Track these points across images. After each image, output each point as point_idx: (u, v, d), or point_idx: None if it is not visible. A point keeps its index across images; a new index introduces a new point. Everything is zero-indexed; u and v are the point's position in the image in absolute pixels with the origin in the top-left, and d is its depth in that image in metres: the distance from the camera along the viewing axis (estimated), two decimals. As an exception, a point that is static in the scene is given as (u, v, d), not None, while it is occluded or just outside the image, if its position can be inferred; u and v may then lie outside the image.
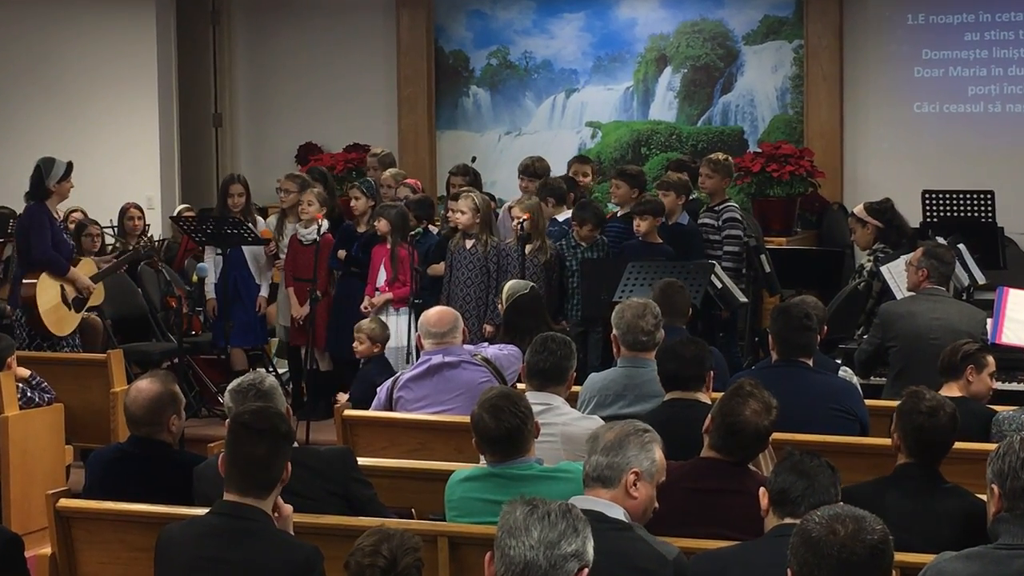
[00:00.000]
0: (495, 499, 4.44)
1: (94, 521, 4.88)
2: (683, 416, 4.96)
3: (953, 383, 5.96)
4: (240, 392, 4.96)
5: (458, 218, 9.09)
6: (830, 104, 12.28)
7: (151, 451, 5.04)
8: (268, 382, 5.00)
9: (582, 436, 5.25)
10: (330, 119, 13.52)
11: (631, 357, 5.97)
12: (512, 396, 4.68)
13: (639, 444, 4.08)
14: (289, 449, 4.17)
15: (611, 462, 4.04)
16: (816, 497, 3.83)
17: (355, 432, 6.38)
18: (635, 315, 5.95)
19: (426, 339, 6.49)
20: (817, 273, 9.84)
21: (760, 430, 4.53)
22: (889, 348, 7.22)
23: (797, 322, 5.90)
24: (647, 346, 5.95)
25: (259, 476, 4.06)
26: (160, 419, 5.03)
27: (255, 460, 4.06)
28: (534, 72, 13.24)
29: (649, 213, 8.89)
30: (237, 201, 9.67)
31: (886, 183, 11.89)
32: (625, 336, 5.97)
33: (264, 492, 4.07)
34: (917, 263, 7.45)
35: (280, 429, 4.15)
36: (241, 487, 4.06)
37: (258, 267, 9.78)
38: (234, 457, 4.10)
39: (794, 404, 5.62)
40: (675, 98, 12.82)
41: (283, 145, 13.63)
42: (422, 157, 13.30)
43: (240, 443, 4.11)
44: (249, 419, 4.17)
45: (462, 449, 5.73)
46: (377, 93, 13.48)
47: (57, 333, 8.79)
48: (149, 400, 5.02)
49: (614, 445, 4.07)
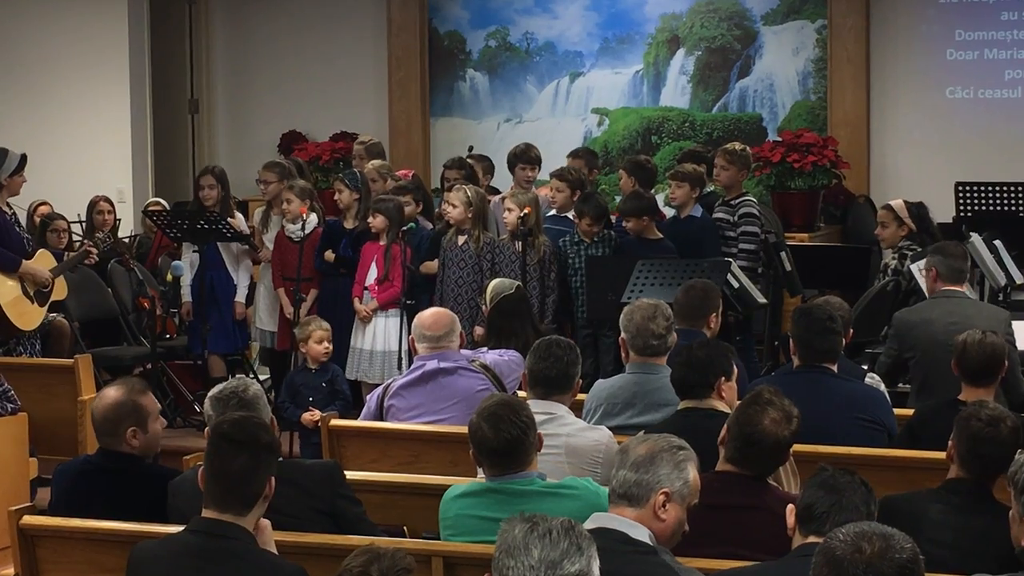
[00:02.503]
0: (493, 516, 4.44)
1: (61, 540, 4.88)
2: (698, 427, 4.96)
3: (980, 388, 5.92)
4: (221, 400, 4.96)
5: (449, 212, 9.11)
6: (856, 89, 12.28)
7: (121, 464, 5.04)
8: (252, 390, 5.00)
9: (588, 449, 5.28)
10: (315, 105, 13.53)
11: (641, 362, 5.97)
12: (513, 404, 4.68)
13: (672, 462, 4.06)
14: (273, 462, 4.17)
15: (640, 479, 4.03)
16: (844, 515, 3.82)
17: (342, 443, 6.38)
18: (645, 317, 5.93)
19: (420, 343, 6.49)
20: (842, 272, 9.83)
21: (780, 441, 4.53)
22: (908, 360, 7.20)
23: (820, 325, 5.90)
24: (658, 350, 5.94)
25: (239, 491, 4.06)
26: (116, 430, 5.02)
27: (234, 473, 4.06)
28: (536, 54, 13.24)
29: (632, 215, 8.94)
30: (209, 194, 9.64)
31: (916, 174, 11.92)
32: (635, 340, 5.96)
33: (244, 508, 4.07)
34: (925, 265, 7.44)
35: (261, 440, 4.15)
36: (220, 502, 4.07)
37: (236, 266, 9.77)
38: (213, 470, 4.10)
39: (817, 413, 5.62)
40: (688, 83, 12.82)
41: (265, 133, 13.64)
42: (414, 146, 13.32)
43: (219, 455, 4.11)
44: (228, 429, 4.17)
45: (458, 462, 5.73)
46: (366, 77, 13.48)
47: (23, 328, 8.77)
48: (106, 408, 5.03)
49: (645, 461, 4.05)
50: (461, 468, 5.60)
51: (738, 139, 10.99)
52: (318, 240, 9.44)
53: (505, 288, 7.42)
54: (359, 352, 9.08)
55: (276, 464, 4.20)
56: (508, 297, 7.34)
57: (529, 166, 9.98)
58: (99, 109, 12.79)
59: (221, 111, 14.12)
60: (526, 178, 9.95)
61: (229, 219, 9.60)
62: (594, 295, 8.78)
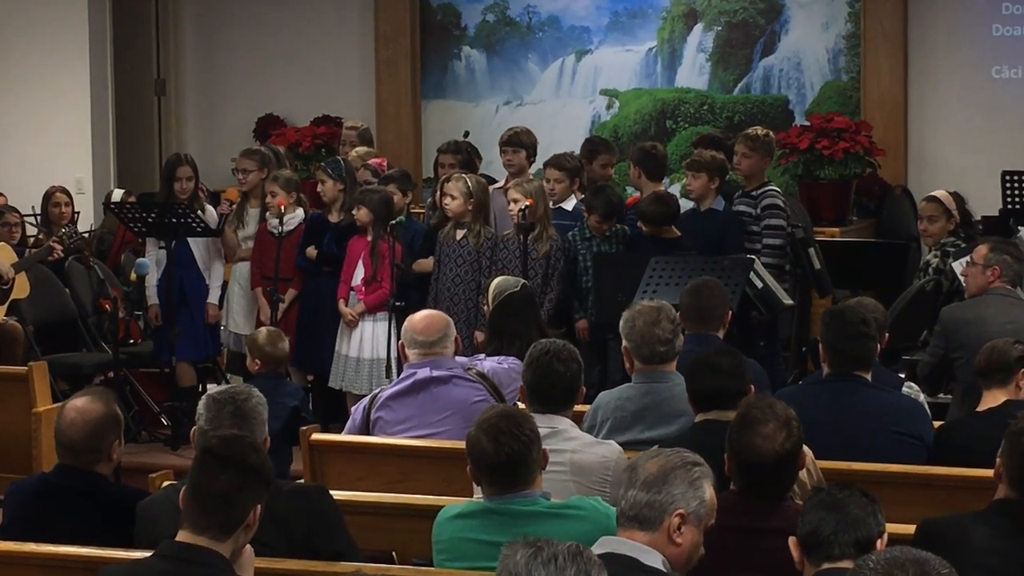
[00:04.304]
0: (493, 540, 4.44)
1: (15, 566, 4.87)
2: (718, 442, 4.96)
3: (998, 389, 5.97)
4: (218, 402, 4.96)
5: (447, 203, 9.10)
6: (892, 68, 12.28)
7: (82, 483, 5.04)
8: (253, 401, 4.99)
9: (596, 465, 5.29)
10: (294, 86, 13.53)
11: (648, 371, 5.98)
12: (516, 417, 4.69)
13: (687, 480, 4.07)
14: (260, 489, 4.17)
15: (652, 500, 4.04)
16: (852, 532, 3.86)
17: (324, 460, 6.39)
18: (648, 322, 5.95)
19: (411, 349, 6.49)
20: (877, 270, 9.85)
21: (782, 455, 4.54)
22: (955, 360, 7.22)
23: (853, 329, 5.91)
24: (666, 357, 5.96)
25: (219, 512, 4.07)
26: (101, 446, 5.04)
27: (216, 492, 4.08)
28: (538, 30, 13.25)
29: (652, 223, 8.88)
30: (185, 186, 9.64)
31: (959, 162, 11.92)
32: (640, 348, 5.97)
33: (222, 534, 4.08)
34: (984, 261, 7.46)
35: (249, 460, 4.16)
36: (196, 523, 4.08)
37: (208, 265, 9.77)
38: (193, 487, 4.12)
39: (848, 426, 5.64)
40: (707, 61, 12.82)
41: (239, 117, 13.64)
42: (404, 131, 13.32)
43: (202, 470, 4.13)
44: (215, 445, 4.20)
45: (453, 480, 5.73)
46: (350, 55, 13.48)
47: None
48: (90, 424, 5.03)
49: (657, 480, 4.06)
50: (456, 487, 5.60)
51: (761, 123, 10.98)
52: (300, 236, 9.44)
53: (509, 286, 7.39)
54: (345, 359, 9.09)
55: (264, 492, 4.20)
56: (512, 295, 7.32)
57: (512, 149, 9.77)
58: (55, 90, 12.78)
59: (190, 92, 14.12)
60: (507, 162, 9.82)
61: (200, 212, 9.60)
62: (603, 295, 8.78)
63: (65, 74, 12.78)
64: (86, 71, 12.79)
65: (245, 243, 9.71)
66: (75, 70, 12.78)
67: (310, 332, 9.31)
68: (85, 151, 12.83)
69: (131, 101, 13.75)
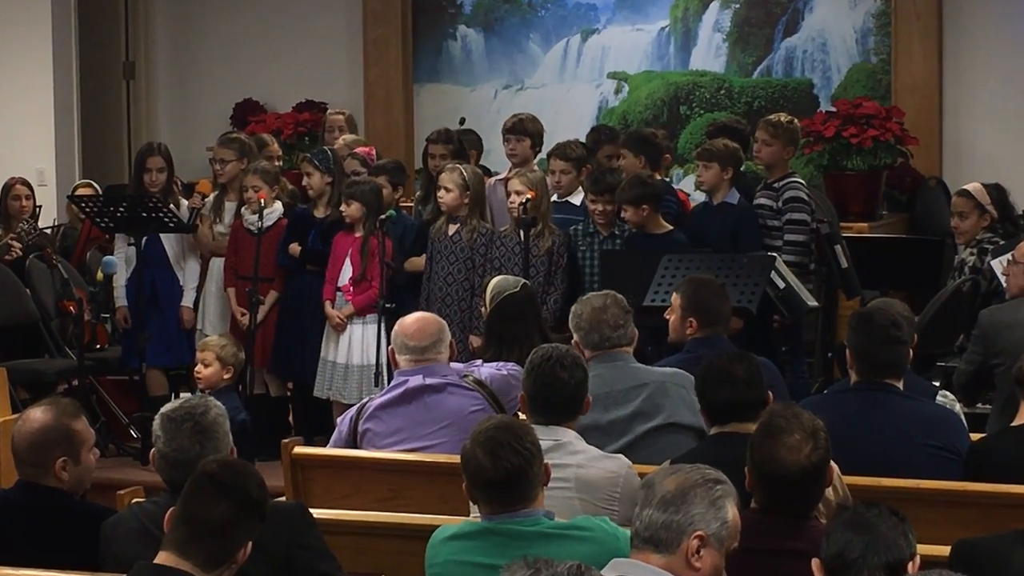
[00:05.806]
0: (491, 563, 4.43)
1: (-30, 591, 4.89)
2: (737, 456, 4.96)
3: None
4: (173, 421, 4.95)
5: (441, 196, 9.10)
6: (925, 49, 12.28)
7: (45, 500, 5.05)
8: (212, 413, 4.99)
9: (603, 481, 5.31)
10: (275, 70, 13.54)
11: (598, 356, 6.20)
12: (515, 428, 4.70)
13: (708, 499, 4.08)
14: (256, 526, 4.20)
15: (669, 520, 4.04)
16: (883, 555, 3.86)
17: (308, 475, 6.39)
18: (596, 308, 6.27)
19: (401, 355, 6.50)
20: (909, 269, 9.86)
21: (808, 468, 4.54)
22: (994, 367, 7.23)
23: (883, 333, 5.92)
24: (618, 342, 6.26)
25: (210, 542, 4.10)
26: (43, 460, 5.03)
27: (211, 521, 4.10)
28: (541, 8, 13.26)
29: (629, 203, 8.86)
30: (156, 179, 9.63)
31: (997, 152, 11.91)
32: (589, 335, 6.26)
33: (209, 565, 4.09)
34: None
35: (252, 494, 4.19)
36: (182, 548, 4.09)
37: (183, 264, 9.76)
38: (185, 512, 4.14)
39: (878, 439, 5.64)
40: (724, 42, 12.84)
41: (215, 103, 13.65)
42: (394, 118, 13.32)
43: (198, 496, 4.15)
44: (216, 470, 4.21)
45: (448, 498, 5.74)
46: (336, 36, 13.49)
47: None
48: (32, 434, 5.04)
49: (675, 498, 4.07)
50: (451, 505, 5.61)
51: (784, 109, 11.00)
52: (281, 232, 9.44)
53: (508, 286, 7.39)
54: (331, 366, 9.10)
55: (259, 529, 4.21)
56: (512, 296, 7.31)
57: (516, 137, 9.70)
58: (14, 72, 12.79)
59: (162, 76, 14.13)
60: (509, 152, 9.76)
61: (173, 206, 9.59)
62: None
63: (26, 55, 12.78)
64: (48, 52, 12.78)
65: (222, 240, 9.70)
66: (37, 50, 12.77)
67: (292, 336, 9.31)
68: (48, 139, 12.83)
69: (98, 85, 13.75)
